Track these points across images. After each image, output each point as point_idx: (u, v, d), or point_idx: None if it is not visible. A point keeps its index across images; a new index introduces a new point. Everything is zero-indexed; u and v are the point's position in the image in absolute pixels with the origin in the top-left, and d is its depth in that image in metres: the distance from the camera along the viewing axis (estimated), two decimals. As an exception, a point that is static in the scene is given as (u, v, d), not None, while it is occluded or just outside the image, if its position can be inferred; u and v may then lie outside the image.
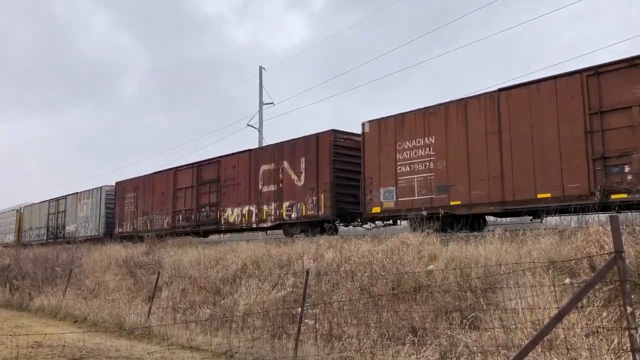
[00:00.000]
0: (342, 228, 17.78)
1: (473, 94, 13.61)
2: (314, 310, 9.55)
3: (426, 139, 14.21)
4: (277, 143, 19.00)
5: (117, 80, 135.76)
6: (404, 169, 14.66)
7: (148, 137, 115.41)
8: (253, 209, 19.01)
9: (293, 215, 17.60)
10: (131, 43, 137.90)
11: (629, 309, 4.52)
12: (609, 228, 6.27)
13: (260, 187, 18.93)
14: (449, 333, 7.39)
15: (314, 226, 17.04)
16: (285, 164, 18.06)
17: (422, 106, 14.59)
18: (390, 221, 15.72)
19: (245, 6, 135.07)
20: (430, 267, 9.50)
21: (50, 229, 34.98)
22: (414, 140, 14.51)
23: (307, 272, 9.06)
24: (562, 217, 12.11)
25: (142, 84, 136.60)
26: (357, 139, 16.61)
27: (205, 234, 22.78)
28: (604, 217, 10.33)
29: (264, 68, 33.87)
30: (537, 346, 5.37)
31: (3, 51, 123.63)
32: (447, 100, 13.96)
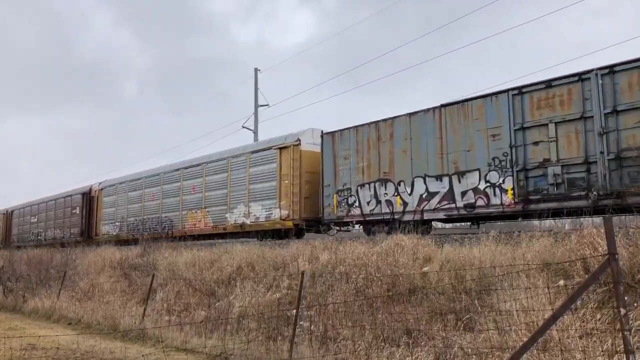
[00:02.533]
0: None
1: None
2: (309, 312, 9.54)
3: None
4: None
5: (117, 79, 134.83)
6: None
7: (148, 137, 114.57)
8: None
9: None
10: (133, 41, 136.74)
11: (623, 311, 4.55)
12: (602, 230, 6.31)
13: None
14: (444, 335, 7.41)
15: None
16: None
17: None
18: None
19: (251, 3, 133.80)
20: (425, 268, 9.51)
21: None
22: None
23: (302, 274, 9.06)
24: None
25: (143, 83, 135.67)
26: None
27: None
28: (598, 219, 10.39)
29: (259, 70, 33.85)
30: (531, 348, 5.40)
31: (2, 50, 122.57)
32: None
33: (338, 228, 17.20)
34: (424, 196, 14.07)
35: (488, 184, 12.78)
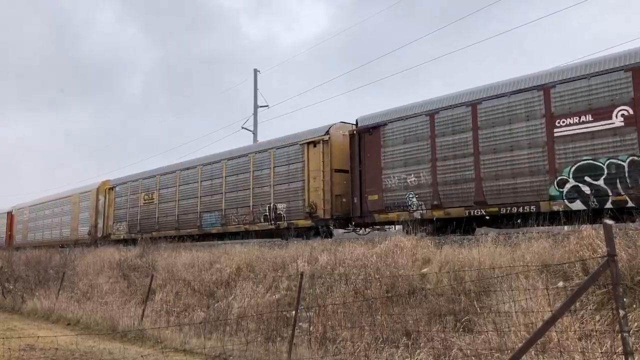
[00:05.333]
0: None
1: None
2: (308, 313, 9.54)
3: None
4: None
5: (122, 77, 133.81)
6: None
7: (152, 136, 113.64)
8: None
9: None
10: (139, 38, 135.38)
11: (622, 312, 4.56)
12: (602, 232, 6.32)
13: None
14: (443, 336, 7.41)
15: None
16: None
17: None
18: None
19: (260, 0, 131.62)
20: (424, 270, 9.51)
21: None
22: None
23: (301, 275, 9.06)
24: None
25: (148, 81, 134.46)
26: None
27: None
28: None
29: (258, 71, 33.88)
30: (530, 349, 5.40)
31: (6, 48, 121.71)
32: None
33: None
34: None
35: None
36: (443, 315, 7.99)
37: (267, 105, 33.69)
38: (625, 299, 5.41)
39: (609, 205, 10.96)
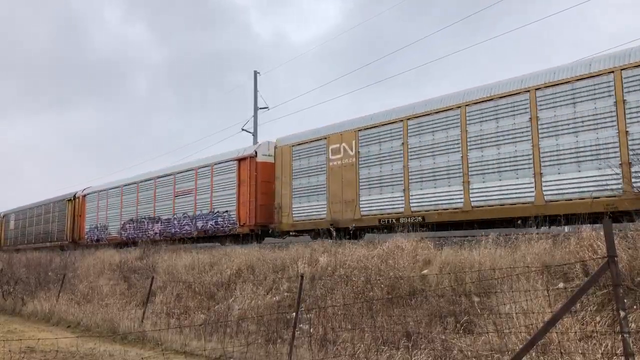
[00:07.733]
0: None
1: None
2: (308, 315, 9.54)
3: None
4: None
5: (128, 76, 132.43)
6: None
7: (158, 135, 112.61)
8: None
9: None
10: (146, 36, 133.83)
11: (622, 313, 4.56)
12: (602, 233, 6.32)
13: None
14: (443, 337, 7.40)
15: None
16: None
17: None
18: None
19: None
20: (425, 271, 9.51)
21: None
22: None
23: (302, 277, 9.06)
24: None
25: (155, 80, 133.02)
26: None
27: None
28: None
29: (258, 73, 33.89)
30: (531, 350, 5.40)
31: (10, 47, 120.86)
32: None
33: None
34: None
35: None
36: (443, 316, 7.99)
37: (266, 107, 33.78)
38: (625, 300, 5.41)
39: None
